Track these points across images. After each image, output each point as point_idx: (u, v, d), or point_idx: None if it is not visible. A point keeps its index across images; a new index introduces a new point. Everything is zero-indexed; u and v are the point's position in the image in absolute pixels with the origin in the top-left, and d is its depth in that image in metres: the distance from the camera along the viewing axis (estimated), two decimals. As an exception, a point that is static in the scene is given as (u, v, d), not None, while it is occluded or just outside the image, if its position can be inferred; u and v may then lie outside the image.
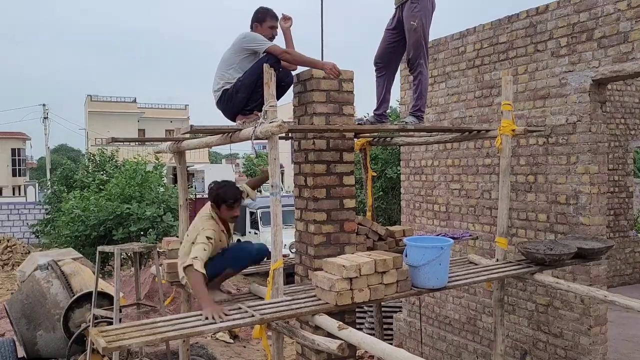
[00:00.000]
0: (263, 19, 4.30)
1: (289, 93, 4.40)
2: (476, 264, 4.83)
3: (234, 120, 4.29)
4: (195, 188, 30.18)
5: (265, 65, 3.54)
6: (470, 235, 6.02)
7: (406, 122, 4.59)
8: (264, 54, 4.07)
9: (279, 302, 3.44)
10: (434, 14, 4.61)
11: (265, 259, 4.21)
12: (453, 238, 5.93)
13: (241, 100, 4.10)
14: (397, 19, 4.63)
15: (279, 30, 4.37)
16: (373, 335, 5.67)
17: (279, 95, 3.95)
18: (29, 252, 16.27)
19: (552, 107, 5.39)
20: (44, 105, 36.82)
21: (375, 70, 4.81)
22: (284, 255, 4.56)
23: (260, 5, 4.39)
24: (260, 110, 3.61)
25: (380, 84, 4.80)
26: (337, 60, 4.63)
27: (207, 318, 3.15)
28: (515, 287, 5.82)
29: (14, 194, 40.69)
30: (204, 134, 4.27)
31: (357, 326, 6.00)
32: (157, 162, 16.67)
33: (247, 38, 4.19)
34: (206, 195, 4.49)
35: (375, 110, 4.81)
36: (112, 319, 5.61)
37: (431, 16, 4.54)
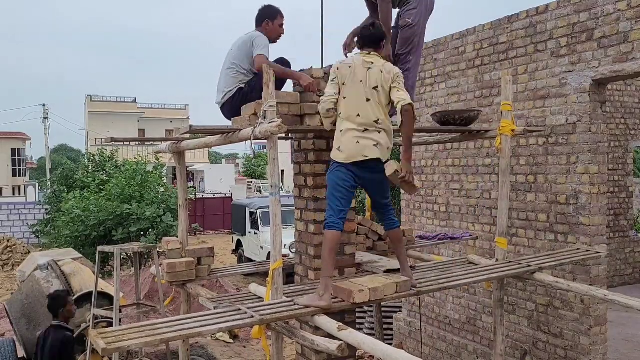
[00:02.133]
0: (275, 16, 4.39)
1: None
2: (476, 264, 4.83)
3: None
4: (195, 188, 30.22)
5: (264, 65, 3.54)
6: (470, 235, 6.02)
7: (394, 123, 4.55)
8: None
9: (278, 303, 3.43)
10: (433, 15, 4.68)
11: None
12: (453, 238, 5.95)
13: (255, 99, 4.12)
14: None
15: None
16: (373, 335, 5.67)
17: (280, 86, 4.14)
18: (29, 252, 16.26)
19: (552, 107, 5.39)
20: (44, 105, 36.83)
21: None
22: (284, 255, 4.56)
23: (269, 4, 4.44)
24: None
25: None
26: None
27: None
28: (515, 287, 5.82)
29: (14, 194, 40.70)
30: (203, 134, 4.27)
31: (357, 326, 6.00)
32: (157, 162, 16.66)
33: (255, 40, 4.26)
34: (206, 196, 4.50)
35: None
36: (112, 319, 5.61)
37: (428, 16, 4.58)
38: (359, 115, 3.60)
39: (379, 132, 3.64)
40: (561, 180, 5.31)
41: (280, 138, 4.06)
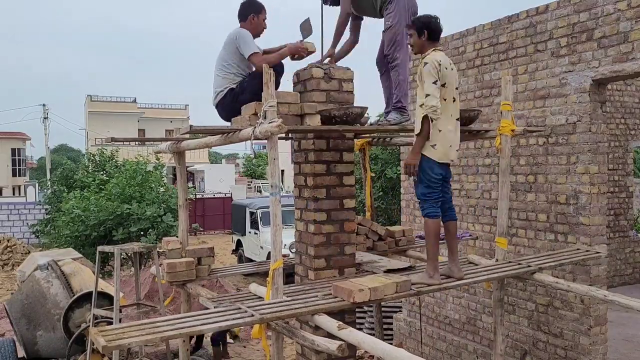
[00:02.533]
0: (260, 10, 4.43)
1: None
2: (476, 264, 4.83)
3: (230, 121, 4.35)
4: (195, 188, 30.22)
5: (264, 65, 3.54)
6: (470, 235, 6.02)
7: (388, 120, 4.65)
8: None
9: (278, 302, 3.44)
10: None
11: None
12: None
13: (245, 100, 4.13)
14: None
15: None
16: (373, 335, 5.68)
17: (275, 87, 4.09)
18: (29, 252, 16.26)
19: (552, 107, 5.39)
20: (44, 105, 36.82)
21: (378, 70, 4.96)
22: (284, 255, 4.56)
23: None
24: None
25: (384, 83, 4.93)
26: (342, 61, 4.66)
27: None
28: (515, 287, 5.82)
29: (14, 194, 40.68)
30: (203, 134, 4.28)
31: (357, 326, 5.99)
32: (157, 162, 16.65)
33: (239, 38, 4.27)
34: (206, 196, 4.51)
35: (385, 109, 4.92)
36: (112, 319, 5.61)
37: (409, 17, 4.60)
38: (452, 115, 4.00)
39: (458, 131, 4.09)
40: (561, 180, 5.31)
41: (280, 138, 4.06)
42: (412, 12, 4.68)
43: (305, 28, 4.37)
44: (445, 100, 3.92)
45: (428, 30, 4.02)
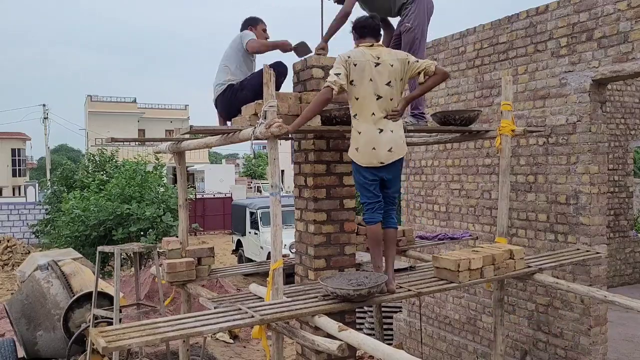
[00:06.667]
0: (256, 23, 4.69)
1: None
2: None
3: (229, 118, 4.38)
4: (195, 188, 30.23)
5: (265, 65, 3.54)
6: (470, 235, 6.02)
7: (406, 122, 4.60)
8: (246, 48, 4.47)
9: (279, 303, 3.44)
10: (433, 16, 4.73)
11: None
12: (453, 238, 5.95)
13: (245, 97, 4.17)
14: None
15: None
16: (373, 335, 5.67)
17: (277, 87, 4.13)
18: (29, 252, 16.25)
19: (552, 107, 5.39)
20: (44, 105, 36.87)
21: None
22: (284, 256, 4.56)
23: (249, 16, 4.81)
24: None
25: None
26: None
27: None
28: (515, 287, 5.82)
29: (14, 194, 40.66)
30: (203, 134, 4.28)
31: (357, 326, 6.00)
32: (157, 162, 16.65)
33: (243, 36, 4.53)
34: (206, 196, 4.50)
35: None
36: (112, 319, 5.60)
37: (428, 18, 4.60)
38: (373, 114, 3.62)
39: (392, 129, 3.66)
40: (561, 180, 5.31)
41: (280, 138, 4.06)
42: (430, 13, 4.66)
43: (301, 51, 4.52)
44: (357, 99, 3.61)
45: (354, 29, 3.80)
